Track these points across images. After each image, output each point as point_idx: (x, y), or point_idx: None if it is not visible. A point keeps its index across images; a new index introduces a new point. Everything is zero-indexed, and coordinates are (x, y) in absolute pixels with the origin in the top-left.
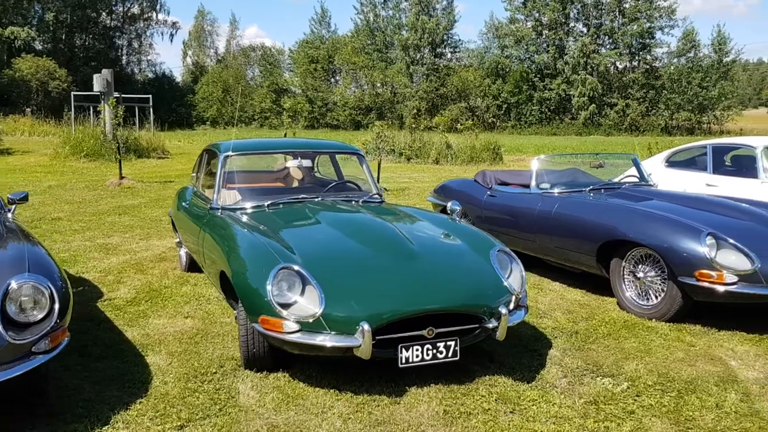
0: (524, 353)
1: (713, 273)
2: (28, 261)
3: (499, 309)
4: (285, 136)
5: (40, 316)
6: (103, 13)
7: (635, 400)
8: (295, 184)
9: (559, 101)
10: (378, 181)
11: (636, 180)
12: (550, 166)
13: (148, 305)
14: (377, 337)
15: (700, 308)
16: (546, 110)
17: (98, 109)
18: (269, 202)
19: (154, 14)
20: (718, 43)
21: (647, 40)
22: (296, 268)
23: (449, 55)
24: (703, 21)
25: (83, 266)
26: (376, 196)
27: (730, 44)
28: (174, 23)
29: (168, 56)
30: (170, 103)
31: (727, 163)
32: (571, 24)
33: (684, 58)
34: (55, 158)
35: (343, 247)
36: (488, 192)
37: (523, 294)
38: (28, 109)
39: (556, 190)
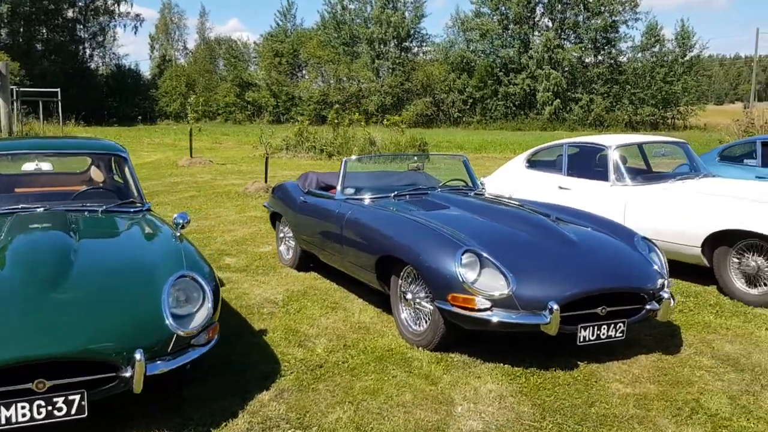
0: (223, 398)
1: (466, 296)
2: None
3: (135, 354)
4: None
5: None
6: (65, 6)
7: None
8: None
9: (524, 96)
10: (266, 180)
11: (461, 184)
12: (361, 168)
13: None
14: None
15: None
16: (511, 105)
17: None
18: None
19: (118, 7)
20: (682, 37)
21: (611, 35)
22: None
23: (416, 50)
24: (683, 15)
25: None
26: (138, 204)
27: (694, 39)
28: (137, 15)
29: (138, 49)
30: (133, 98)
31: (581, 164)
32: (537, 18)
33: (648, 53)
34: None
35: None
36: (302, 197)
37: (200, 329)
38: None
39: (365, 196)
